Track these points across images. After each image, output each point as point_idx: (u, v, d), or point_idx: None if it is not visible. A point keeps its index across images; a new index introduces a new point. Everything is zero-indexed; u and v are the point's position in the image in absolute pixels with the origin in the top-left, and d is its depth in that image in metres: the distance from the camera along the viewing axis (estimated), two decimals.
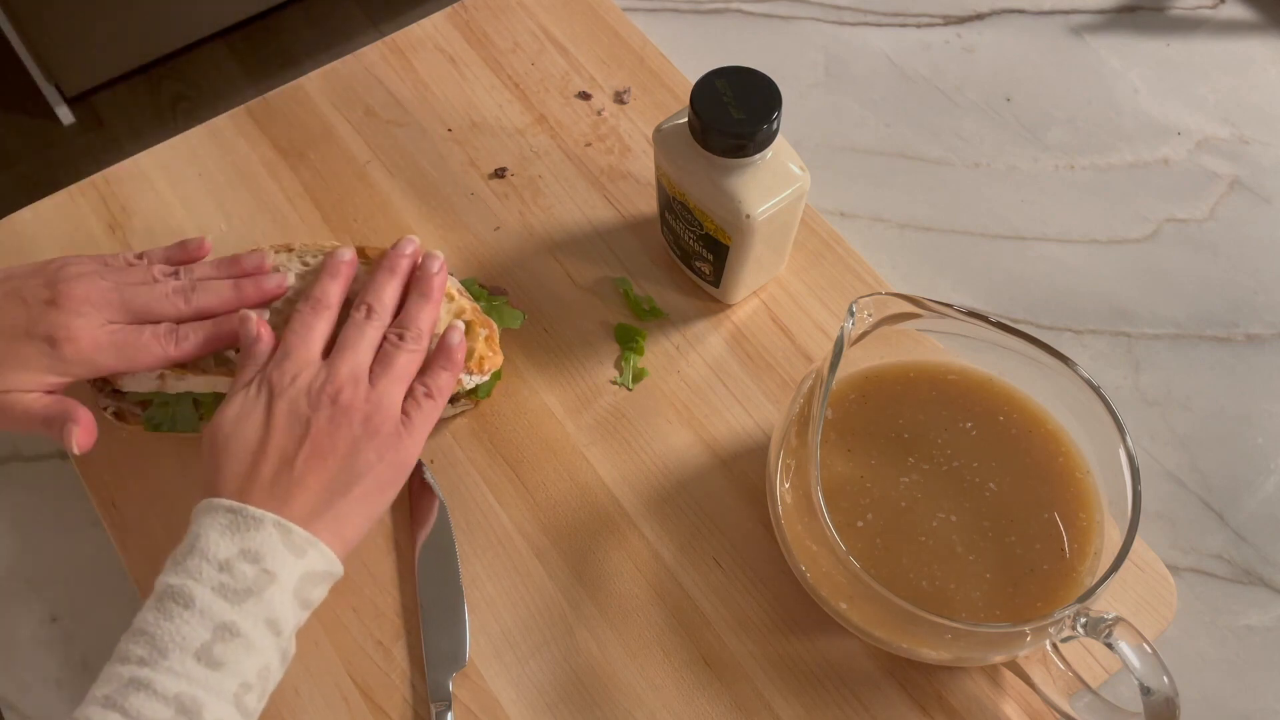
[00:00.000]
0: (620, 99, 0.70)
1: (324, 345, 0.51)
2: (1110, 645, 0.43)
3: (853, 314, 0.47)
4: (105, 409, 0.56)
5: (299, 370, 0.49)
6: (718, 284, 0.60)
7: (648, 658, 0.52)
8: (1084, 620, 0.43)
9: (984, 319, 0.48)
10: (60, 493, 0.58)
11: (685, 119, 0.54)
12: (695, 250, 0.59)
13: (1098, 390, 0.47)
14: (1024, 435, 0.51)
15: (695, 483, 0.57)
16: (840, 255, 0.63)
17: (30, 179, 1.71)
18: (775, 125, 0.51)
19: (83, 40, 1.66)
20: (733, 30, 0.75)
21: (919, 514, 0.50)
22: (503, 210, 0.66)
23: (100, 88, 1.79)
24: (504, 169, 0.67)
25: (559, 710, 0.51)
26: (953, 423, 0.52)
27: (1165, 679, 0.42)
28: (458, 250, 0.64)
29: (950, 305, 0.48)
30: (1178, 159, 0.69)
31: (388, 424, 0.49)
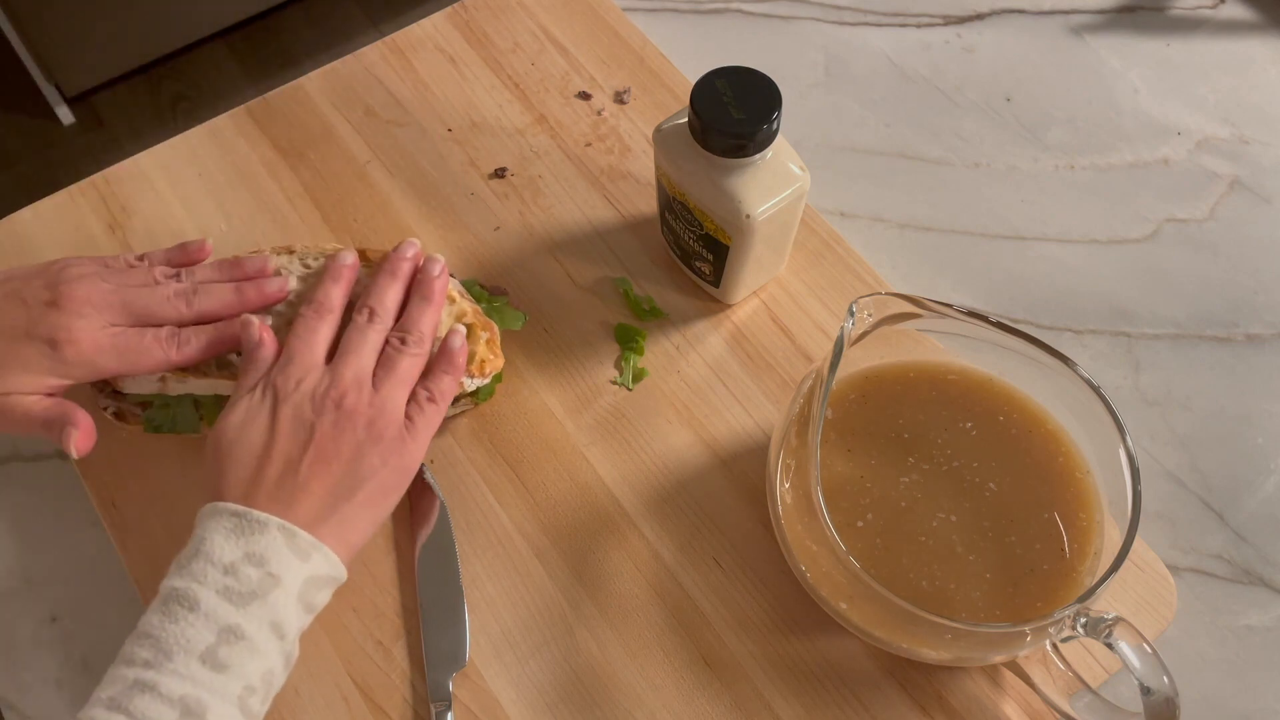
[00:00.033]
0: (620, 99, 0.70)
1: (327, 349, 0.51)
2: (1110, 645, 0.43)
3: (853, 314, 0.47)
4: (105, 409, 0.55)
5: (303, 375, 0.49)
6: (718, 284, 0.60)
7: (648, 658, 0.52)
8: (1084, 620, 0.43)
9: (984, 319, 0.48)
10: (60, 493, 0.58)
11: (685, 119, 0.54)
12: (695, 250, 0.59)
13: (1098, 390, 0.47)
14: (1024, 435, 0.51)
15: (695, 483, 0.57)
16: (840, 255, 0.63)
17: (30, 179, 1.71)
18: (775, 125, 0.51)
19: (83, 40, 1.66)
20: (733, 30, 0.75)
21: (919, 514, 0.50)
22: (503, 210, 0.66)
23: (100, 88, 1.79)
24: (504, 169, 0.67)
25: (559, 710, 0.51)
26: (953, 423, 0.52)
27: (1165, 679, 0.42)
28: (458, 250, 0.64)
29: (950, 305, 0.48)
30: (1178, 159, 0.69)
31: (391, 429, 0.49)
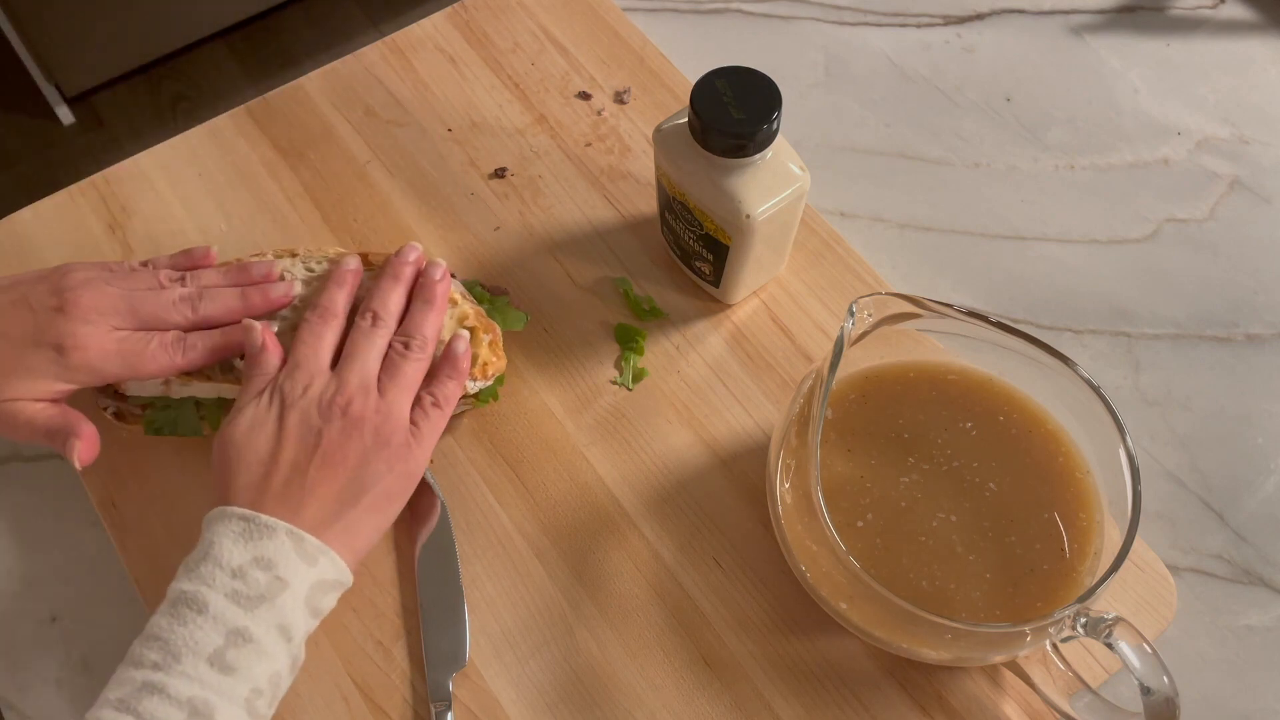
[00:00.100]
0: (620, 99, 0.70)
1: (332, 354, 0.51)
2: (1110, 645, 0.43)
3: (853, 314, 0.47)
4: (105, 409, 0.55)
5: (309, 381, 0.49)
6: (718, 284, 0.60)
7: (648, 658, 0.52)
8: (1084, 620, 0.43)
9: (984, 319, 0.48)
10: (60, 493, 0.58)
11: (685, 119, 0.54)
12: (695, 250, 0.58)
13: (1098, 390, 0.47)
14: (1024, 435, 0.51)
15: (695, 483, 0.57)
16: (840, 255, 0.63)
17: (30, 179, 1.71)
18: (775, 125, 0.51)
19: (83, 40, 1.66)
20: (733, 30, 0.75)
21: (919, 514, 0.50)
22: (503, 210, 0.66)
23: (100, 88, 1.79)
24: (504, 169, 0.67)
25: (559, 710, 0.51)
26: (953, 423, 0.52)
27: (1165, 679, 0.42)
28: (458, 250, 0.64)
29: (950, 305, 0.48)
30: (1178, 159, 0.69)
31: (397, 435, 0.49)
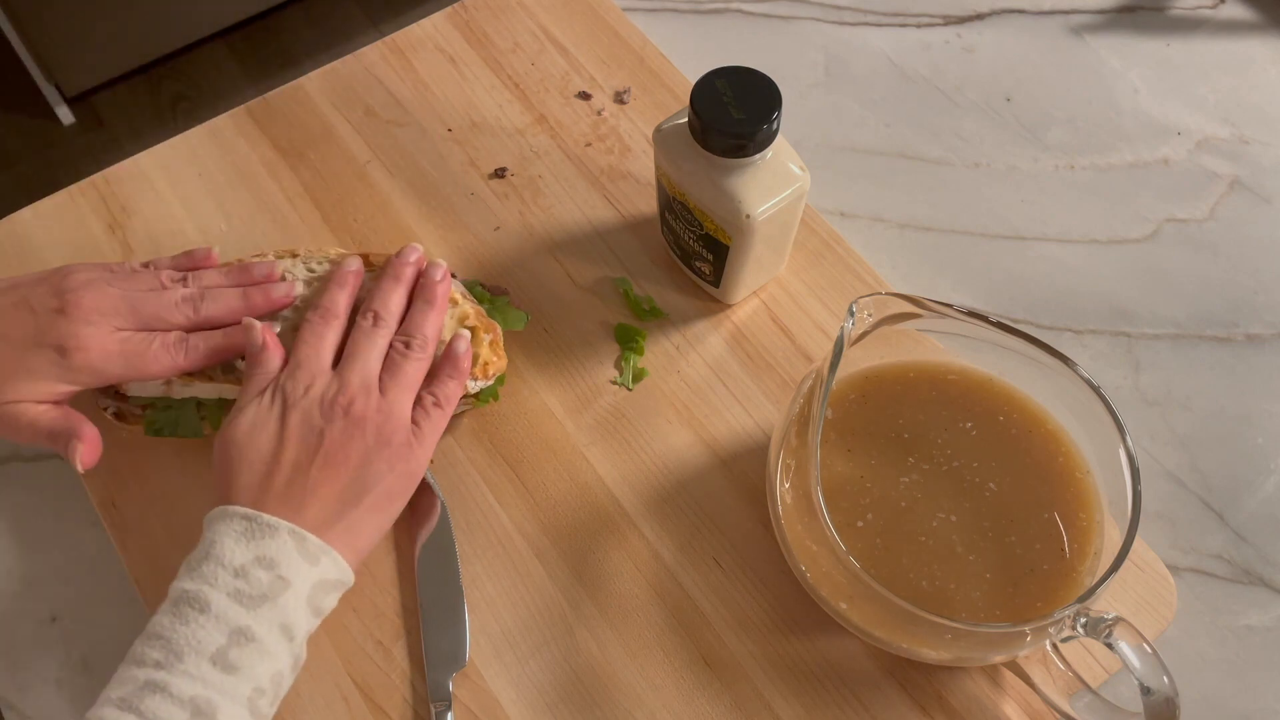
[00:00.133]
0: (620, 99, 0.70)
1: (334, 354, 0.52)
2: (1110, 645, 0.43)
3: (853, 314, 0.47)
4: (105, 409, 0.55)
5: (311, 380, 0.50)
6: (718, 284, 0.60)
7: (648, 658, 0.52)
8: (1084, 620, 0.43)
9: (984, 319, 0.48)
10: (60, 493, 0.58)
11: (685, 119, 0.54)
12: (695, 250, 0.58)
13: (1098, 390, 0.47)
14: (1024, 435, 0.51)
15: (695, 483, 0.57)
16: (840, 255, 0.63)
17: (30, 179, 1.71)
18: (775, 125, 0.51)
19: (83, 40, 1.66)
20: (733, 30, 0.75)
21: (919, 514, 0.50)
22: (503, 210, 0.66)
23: (100, 88, 1.79)
24: (504, 169, 0.67)
25: (559, 710, 0.51)
26: (953, 423, 0.52)
27: (1165, 679, 0.42)
28: (458, 250, 0.64)
29: (950, 305, 0.48)
30: (1178, 159, 0.69)
31: (399, 435, 0.49)
